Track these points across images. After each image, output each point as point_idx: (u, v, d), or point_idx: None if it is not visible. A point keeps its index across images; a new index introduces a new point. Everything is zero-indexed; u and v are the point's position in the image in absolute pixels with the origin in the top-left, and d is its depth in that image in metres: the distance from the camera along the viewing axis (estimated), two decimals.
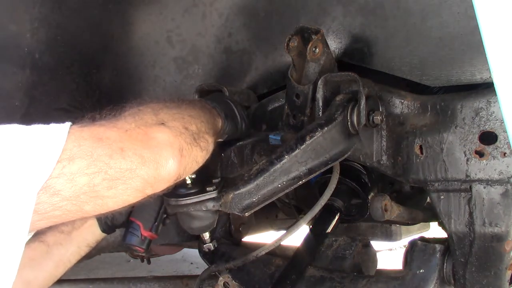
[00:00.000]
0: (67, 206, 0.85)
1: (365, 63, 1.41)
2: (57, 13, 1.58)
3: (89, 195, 0.88)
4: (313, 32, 1.31)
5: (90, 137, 0.90)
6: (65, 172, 0.84)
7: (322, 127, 1.25)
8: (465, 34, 1.23)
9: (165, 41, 1.66)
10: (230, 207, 1.18)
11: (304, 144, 1.22)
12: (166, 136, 1.01)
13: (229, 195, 1.18)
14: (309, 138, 1.23)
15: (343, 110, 1.27)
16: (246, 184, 1.18)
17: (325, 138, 1.25)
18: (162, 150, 0.98)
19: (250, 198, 1.19)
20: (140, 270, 3.65)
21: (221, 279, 1.48)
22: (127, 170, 0.92)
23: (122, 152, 0.92)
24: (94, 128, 0.94)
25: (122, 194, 0.93)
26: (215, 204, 1.17)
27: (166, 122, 1.05)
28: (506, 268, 1.30)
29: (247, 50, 1.58)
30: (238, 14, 1.56)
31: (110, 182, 0.90)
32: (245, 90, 1.60)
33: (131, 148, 0.94)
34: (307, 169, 1.24)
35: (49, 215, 0.84)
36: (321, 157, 1.26)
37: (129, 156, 0.93)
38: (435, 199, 1.34)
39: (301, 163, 1.23)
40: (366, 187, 1.66)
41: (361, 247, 1.56)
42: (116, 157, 0.91)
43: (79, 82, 1.69)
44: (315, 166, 1.25)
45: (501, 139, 1.22)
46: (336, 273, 1.48)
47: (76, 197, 0.86)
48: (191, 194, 1.19)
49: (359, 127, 1.28)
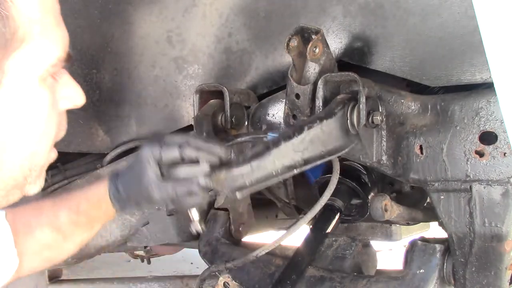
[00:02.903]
0: None
1: (365, 63, 1.41)
2: None
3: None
4: (313, 32, 1.31)
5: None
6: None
7: (321, 119, 1.25)
8: (465, 34, 1.23)
9: (165, 41, 1.66)
10: (221, 185, 1.17)
11: (302, 133, 1.22)
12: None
13: (222, 173, 1.17)
14: (307, 128, 1.23)
15: (343, 107, 1.27)
16: (240, 165, 1.17)
17: (323, 131, 1.25)
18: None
19: (242, 179, 1.18)
20: (140, 270, 3.65)
21: (221, 279, 1.48)
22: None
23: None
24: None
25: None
26: (206, 180, 1.15)
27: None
28: (506, 268, 1.29)
29: (247, 50, 1.59)
30: (238, 14, 1.56)
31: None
32: (245, 90, 1.60)
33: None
34: (302, 159, 1.24)
35: None
36: (318, 149, 1.26)
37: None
38: (435, 199, 1.34)
39: (297, 152, 1.23)
40: (366, 187, 1.66)
41: (361, 247, 1.56)
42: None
43: (79, 82, 1.68)
44: (311, 158, 1.25)
45: (501, 139, 1.22)
46: (336, 273, 1.48)
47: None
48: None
49: (359, 127, 1.28)
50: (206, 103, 1.55)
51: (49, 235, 1.24)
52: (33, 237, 1.22)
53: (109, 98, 1.76)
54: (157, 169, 1.12)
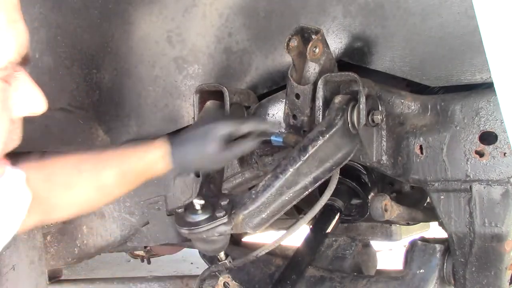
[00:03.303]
0: None
1: (365, 63, 1.41)
2: (57, 13, 1.58)
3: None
4: (313, 32, 1.31)
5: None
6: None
7: (323, 134, 1.25)
8: (465, 34, 1.23)
9: (165, 41, 1.66)
10: (241, 228, 1.21)
11: (307, 154, 1.23)
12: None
13: (239, 216, 1.20)
14: (311, 147, 1.23)
15: (342, 114, 1.27)
16: (253, 202, 1.20)
17: (328, 145, 1.25)
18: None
19: (259, 215, 1.22)
20: (140, 270, 3.66)
21: (221, 279, 1.48)
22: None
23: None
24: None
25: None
26: (226, 228, 1.19)
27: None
28: (506, 268, 1.30)
29: (247, 50, 1.58)
30: (238, 14, 1.56)
31: None
32: (245, 90, 1.60)
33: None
34: (312, 178, 1.25)
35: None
36: (325, 163, 1.27)
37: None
38: (435, 199, 1.34)
39: (305, 173, 1.24)
40: (366, 187, 1.66)
41: (361, 247, 1.57)
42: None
43: (79, 82, 1.69)
44: (320, 174, 1.27)
45: (501, 139, 1.23)
46: (336, 273, 1.48)
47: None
48: (202, 221, 1.20)
49: (359, 126, 1.28)
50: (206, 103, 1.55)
51: (90, 195, 1.23)
52: (72, 195, 1.21)
53: (109, 98, 1.76)
54: (223, 145, 1.24)
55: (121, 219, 1.83)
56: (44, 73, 1.61)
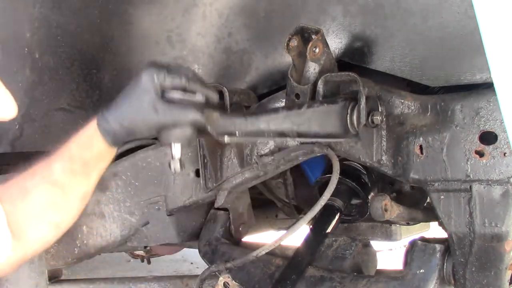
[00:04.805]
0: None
1: (365, 63, 1.41)
2: (57, 13, 1.57)
3: None
4: (313, 32, 1.31)
5: None
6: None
7: (322, 103, 1.31)
8: (465, 34, 1.23)
9: (165, 41, 1.66)
10: (212, 123, 1.20)
11: (301, 108, 1.29)
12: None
13: (215, 113, 1.22)
14: (307, 106, 1.30)
15: (344, 100, 1.29)
16: (235, 114, 1.26)
17: (322, 113, 1.30)
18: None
19: (233, 127, 1.25)
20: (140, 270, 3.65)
21: (221, 279, 1.48)
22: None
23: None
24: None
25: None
26: (200, 111, 1.16)
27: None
28: (506, 268, 1.30)
29: (247, 50, 1.59)
30: (238, 14, 1.56)
31: None
32: (245, 90, 1.60)
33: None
34: (296, 131, 1.30)
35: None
36: (313, 128, 1.31)
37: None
38: (435, 199, 1.34)
39: (293, 122, 1.30)
40: (366, 187, 1.66)
41: (361, 247, 1.57)
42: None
43: (79, 82, 1.69)
44: (305, 133, 1.31)
45: (501, 139, 1.22)
46: (336, 273, 1.48)
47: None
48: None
49: (359, 127, 1.28)
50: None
51: (47, 192, 1.19)
52: (31, 200, 1.18)
53: (109, 98, 1.75)
54: (159, 91, 1.14)
55: (121, 219, 1.83)
56: (44, 73, 1.61)
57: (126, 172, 1.79)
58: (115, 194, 1.81)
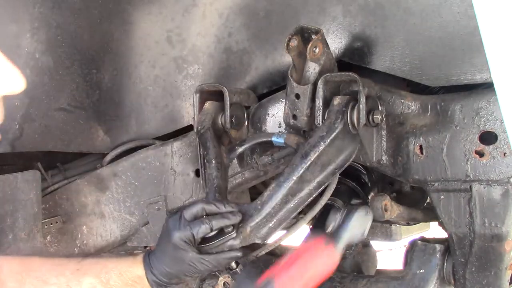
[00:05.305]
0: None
1: (365, 63, 1.41)
2: (57, 13, 1.57)
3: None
4: (313, 32, 1.30)
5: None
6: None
7: (324, 139, 1.26)
8: (465, 34, 1.23)
9: (165, 41, 1.66)
10: (250, 239, 1.23)
11: (309, 161, 1.24)
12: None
13: (247, 229, 1.22)
14: (313, 154, 1.25)
15: (342, 117, 1.27)
16: (259, 213, 1.23)
17: (329, 149, 1.26)
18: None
19: (266, 225, 1.24)
20: None
21: (221, 279, 1.48)
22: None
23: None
24: None
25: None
26: (235, 242, 1.21)
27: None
28: (506, 268, 1.30)
29: (247, 50, 1.58)
30: (238, 14, 1.56)
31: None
32: (245, 90, 1.59)
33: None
34: (316, 183, 1.27)
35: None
36: (328, 167, 1.28)
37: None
38: (435, 199, 1.34)
39: (309, 180, 1.26)
40: (366, 187, 1.66)
41: (361, 247, 1.57)
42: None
43: (79, 82, 1.69)
44: (324, 178, 1.28)
45: (501, 139, 1.23)
46: (336, 273, 1.47)
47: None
48: (213, 238, 1.22)
49: (359, 126, 1.28)
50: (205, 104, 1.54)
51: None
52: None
53: (109, 98, 1.76)
54: (194, 249, 1.20)
55: (121, 219, 1.83)
56: (44, 73, 1.61)
57: (126, 172, 1.79)
58: (115, 194, 1.81)
